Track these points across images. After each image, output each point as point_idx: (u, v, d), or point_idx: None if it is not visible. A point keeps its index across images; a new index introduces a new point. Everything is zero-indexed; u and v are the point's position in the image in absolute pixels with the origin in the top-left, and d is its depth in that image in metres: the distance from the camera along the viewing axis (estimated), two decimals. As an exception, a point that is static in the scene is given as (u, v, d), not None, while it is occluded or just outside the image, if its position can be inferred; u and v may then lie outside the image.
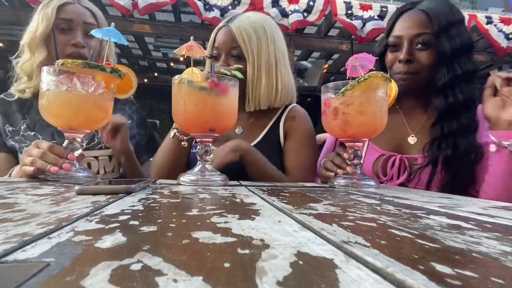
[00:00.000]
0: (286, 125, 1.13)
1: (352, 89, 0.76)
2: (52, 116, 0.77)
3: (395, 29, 1.04)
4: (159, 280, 0.16)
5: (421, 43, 0.98)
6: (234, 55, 1.08)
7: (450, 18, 0.99)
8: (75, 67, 0.72)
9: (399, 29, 1.03)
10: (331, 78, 5.96)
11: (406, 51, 0.99)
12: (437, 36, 0.97)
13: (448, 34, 0.97)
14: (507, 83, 0.88)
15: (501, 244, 0.25)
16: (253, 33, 1.08)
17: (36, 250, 0.20)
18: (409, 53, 1.00)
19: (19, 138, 1.10)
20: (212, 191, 0.58)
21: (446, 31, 0.97)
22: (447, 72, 0.97)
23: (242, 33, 1.07)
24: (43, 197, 0.44)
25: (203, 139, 0.77)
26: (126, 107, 1.27)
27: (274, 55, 1.11)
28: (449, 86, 0.96)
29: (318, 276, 0.17)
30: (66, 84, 0.73)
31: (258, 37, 1.08)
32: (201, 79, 0.76)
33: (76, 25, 1.10)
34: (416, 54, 1.00)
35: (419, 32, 0.99)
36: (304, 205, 0.43)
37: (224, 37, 1.09)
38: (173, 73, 1.19)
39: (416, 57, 1.00)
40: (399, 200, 0.52)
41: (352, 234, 0.26)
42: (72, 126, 0.78)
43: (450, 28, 0.97)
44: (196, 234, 0.25)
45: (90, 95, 0.75)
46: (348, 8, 3.74)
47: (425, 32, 0.98)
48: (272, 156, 1.08)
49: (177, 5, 4.02)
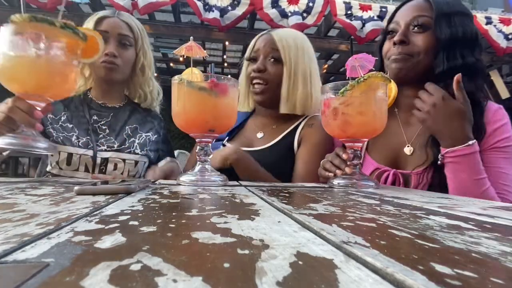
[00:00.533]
0: (303, 132, 1.16)
1: (351, 90, 0.76)
2: (6, 80, 0.72)
3: (395, 17, 1.02)
4: (159, 280, 0.16)
5: (417, 26, 0.94)
6: (272, 58, 1.15)
7: (453, 7, 0.95)
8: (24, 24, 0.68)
9: (398, 15, 1.00)
10: (330, 78, 5.96)
11: (401, 32, 0.95)
12: (436, 20, 0.92)
13: (449, 20, 0.92)
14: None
15: (501, 244, 0.25)
16: (292, 43, 1.16)
17: (35, 251, 0.20)
18: (404, 34, 0.95)
19: (57, 127, 1.15)
20: (211, 192, 0.58)
21: (447, 17, 0.92)
22: (446, 59, 0.91)
23: (282, 40, 1.16)
24: (43, 198, 0.44)
25: (202, 139, 0.77)
26: (156, 122, 1.33)
27: (309, 68, 1.18)
28: (449, 75, 0.87)
29: (317, 276, 0.17)
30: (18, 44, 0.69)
31: (297, 48, 1.16)
32: (201, 80, 0.76)
33: (110, 36, 1.16)
34: (412, 37, 0.95)
35: (417, 14, 0.95)
36: (304, 205, 0.43)
37: (264, 41, 1.17)
38: (173, 73, 1.21)
39: (411, 39, 0.95)
40: (398, 200, 0.52)
41: (352, 235, 0.26)
42: (27, 91, 0.73)
43: (452, 16, 0.93)
44: (195, 234, 0.25)
45: (42, 57, 0.70)
46: (348, 9, 3.75)
47: (422, 15, 0.94)
48: (282, 159, 1.12)
49: (176, 5, 4.02)
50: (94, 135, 1.16)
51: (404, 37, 0.95)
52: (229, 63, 6.60)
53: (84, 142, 1.13)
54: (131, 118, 1.26)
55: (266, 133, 1.20)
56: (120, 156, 1.16)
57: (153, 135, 1.28)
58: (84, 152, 1.12)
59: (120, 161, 1.16)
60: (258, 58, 1.17)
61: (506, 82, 5.72)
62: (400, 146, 1.00)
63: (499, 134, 0.90)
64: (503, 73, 5.80)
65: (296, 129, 1.18)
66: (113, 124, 1.22)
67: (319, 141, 1.13)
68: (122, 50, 1.18)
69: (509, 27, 4.01)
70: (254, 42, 1.20)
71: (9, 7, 3.67)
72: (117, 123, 1.23)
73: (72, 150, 1.11)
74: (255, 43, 1.19)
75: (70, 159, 1.11)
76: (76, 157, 1.11)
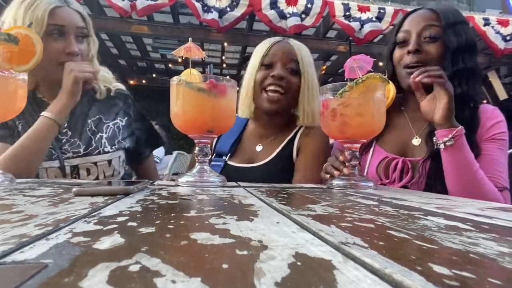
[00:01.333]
0: (300, 141, 1.16)
1: (350, 91, 0.76)
2: None
3: (403, 25, 1.06)
4: (158, 281, 0.16)
5: (429, 36, 1.00)
6: (290, 68, 1.13)
7: (457, 17, 1.02)
8: None
9: (408, 24, 1.05)
10: (329, 80, 5.97)
11: (414, 42, 1.01)
12: (444, 30, 0.99)
13: (455, 29, 0.99)
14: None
15: (498, 245, 0.25)
16: (307, 55, 1.16)
17: (34, 252, 0.20)
18: (418, 44, 1.01)
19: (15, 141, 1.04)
20: (210, 192, 0.58)
21: (453, 27, 1.00)
22: (451, 65, 0.99)
23: (301, 51, 1.15)
24: (41, 199, 0.44)
25: (201, 140, 0.77)
26: (120, 102, 1.19)
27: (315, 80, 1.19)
28: (452, 79, 0.97)
29: (316, 277, 0.17)
30: None
31: (310, 61, 1.17)
32: (200, 80, 0.76)
33: (69, 31, 1.02)
34: (425, 46, 1.01)
35: (428, 24, 1.01)
36: (303, 206, 0.43)
37: (283, 49, 1.15)
38: (172, 74, 1.20)
39: (424, 48, 1.01)
40: (397, 201, 0.53)
41: (350, 235, 0.27)
42: None
43: (456, 25, 1.00)
44: (194, 235, 0.25)
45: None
46: (346, 10, 3.76)
47: (433, 25, 1.00)
48: (283, 171, 1.12)
49: (175, 7, 4.02)
50: (56, 142, 1.03)
51: (419, 46, 1.00)
52: (228, 64, 6.60)
53: (47, 154, 1.00)
54: (91, 109, 1.13)
55: (265, 145, 1.19)
56: (90, 160, 1.06)
57: (122, 118, 1.16)
58: (50, 164, 1.02)
59: (91, 165, 1.06)
60: (274, 64, 1.13)
61: (504, 83, 5.74)
62: (408, 138, 1.06)
63: (496, 128, 0.99)
64: (501, 74, 5.82)
65: (294, 139, 1.17)
66: (73, 123, 1.08)
67: (317, 149, 1.14)
68: (80, 45, 1.05)
69: (507, 28, 4.02)
70: (269, 47, 1.15)
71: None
72: (77, 120, 1.10)
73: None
74: (271, 49, 1.14)
75: (37, 174, 1.00)
76: (42, 171, 1.01)
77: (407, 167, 1.00)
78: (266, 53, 1.14)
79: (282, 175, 1.10)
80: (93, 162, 1.07)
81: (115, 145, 1.11)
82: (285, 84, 1.11)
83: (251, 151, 1.20)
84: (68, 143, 1.06)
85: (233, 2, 3.64)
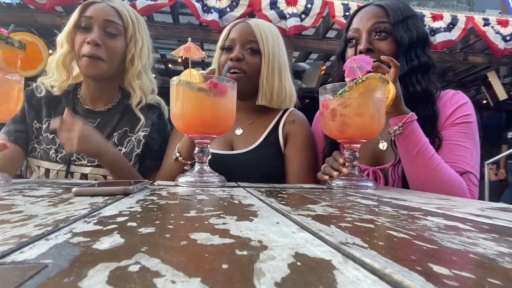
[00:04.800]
0: (286, 129, 1.15)
1: (349, 91, 0.76)
2: None
3: (352, 23, 1.04)
4: (157, 282, 0.16)
5: (379, 32, 0.98)
6: (250, 48, 1.10)
7: (405, 12, 1.00)
8: None
9: (356, 22, 1.03)
10: (329, 80, 5.96)
11: (365, 41, 0.98)
12: (394, 26, 0.97)
13: (404, 25, 0.98)
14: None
15: (498, 245, 0.25)
16: (269, 34, 1.12)
17: (33, 252, 0.20)
18: (369, 42, 0.98)
19: (41, 139, 1.07)
20: (210, 193, 0.58)
21: (402, 22, 0.98)
22: (405, 62, 0.97)
23: (260, 30, 1.11)
24: (41, 199, 0.44)
25: (201, 140, 0.77)
26: (150, 113, 1.16)
27: (283, 60, 1.15)
28: (408, 76, 0.96)
29: (316, 277, 0.17)
30: None
31: (273, 40, 1.13)
32: (200, 81, 0.76)
33: (94, 22, 1.02)
34: (376, 44, 0.98)
35: (376, 21, 0.99)
36: (302, 206, 0.43)
37: (241, 30, 1.12)
38: (171, 74, 1.18)
39: (376, 46, 0.98)
40: (396, 201, 0.53)
41: (350, 235, 0.27)
42: None
43: (406, 20, 0.98)
44: (194, 235, 0.25)
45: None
46: (346, 10, 3.75)
47: (382, 21, 0.98)
48: (272, 159, 1.10)
49: (175, 7, 4.02)
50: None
51: (370, 45, 0.98)
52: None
53: (62, 157, 1.04)
54: (122, 121, 1.12)
55: (245, 129, 1.16)
56: (100, 172, 1.05)
57: (148, 127, 1.14)
58: (61, 167, 1.04)
59: (100, 177, 1.06)
60: (234, 47, 1.11)
61: (504, 84, 5.74)
62: (375, 143, 1.03)
63: (457, 113, 0.96)
64: (501, 75, 5.81)
65: (278, 126, 1.15)
66: (100, 131, 1.05)
67: (305, 136, 1.14)
68: (108, 39, 1.03)
69: (507, 28, 4.02)
70: (228, 30, 1.14)
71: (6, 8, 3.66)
72: (105, 129, 1.09)
73: (48, 165, 1.04)
74: (230, 32, 1.13)
75: (47, 175, 1.04)
76: (53, 173, 1.04)
77: (379, 175, 0.99)
78: (226, 37, 1.13)
79: (271, 161, 1.09)
80: (102, 175, 1.06)
81: (130, 161, 1.09)
82: (244, 66, 1.09)
83: (230, 134, 1.15)
84: None
85: (233, 2, 3.63)
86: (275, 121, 1.17)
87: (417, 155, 0.85)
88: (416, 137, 0.85)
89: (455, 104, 0.97)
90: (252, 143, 1.12)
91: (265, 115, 1.17)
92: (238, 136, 1.15)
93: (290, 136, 1.14)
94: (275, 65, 1.12)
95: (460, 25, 3.94)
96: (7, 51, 0.64)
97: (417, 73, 0.97)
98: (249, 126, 1.17)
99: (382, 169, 0.99)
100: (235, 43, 1.11)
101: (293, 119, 1.16)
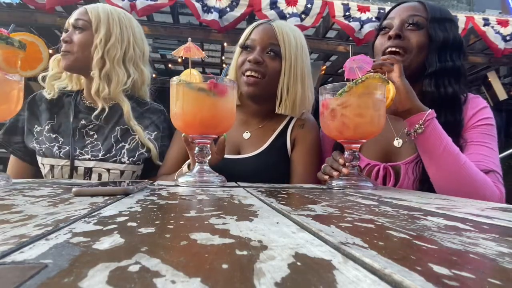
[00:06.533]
0: (294, 133, 1.13)
1: (349, 91, 0.76)
2: None
3: (389, 15, 1.05)
4: (157, 282, 0.16)
5: (413, 24, 0.98)
6: (271, 51, 1.07)
7: (444, 14, 1.01)
8: None
9: (393, 13, 1.04)
10: (329, 80, 5.96)
11: (396, 27, 0.99)
12: (429, 22, 0.97)
13: (441, 25, 0.98)
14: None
15: (498, 245, 0.25)
16: (292, 38, 1.09)
17: (33, 252, 0.20)
18: (400, 29, 0.98)
19: (41, 140, 1.10)
20: (210, 193, 0.58)
21: (439, 22, 0.98)
22: (438, 60, 0.97)
23: (283, 33, 1.07)
24: (41, 199, 0.44)
25: (201, 140, 0.77)
26: (154, 117, 1.22)
27: (306, 66, 1.12)
28: (439, 75, 0.96)
29: (316, 277, 0.17)
30: None
31: (296, 45, 1.09)
32: (199, 81, 0.76)
33: (69, 25, 1.11)
34: (406, 32, 0.99)
35: (412, 13, 0.99)
36: (302, 206, 0.43)
37: (263, 32, 1.08)
38: (171, 74, 1.18)
39: (405, 34, 0.98)
40: (396, 201, 0.53)
41: (350, 235, 0.27)
42: None
43: (443, 21, 0.99)
44: (194, 235, 0.25)
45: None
46: (346, 10, 3.75)
47: (418, 14, 0.99)
48: (278, 163, 1.10)
49: (175, 7, 4.02)
50: (79, 142, 1.10)
51: (400, 31, 0.98)
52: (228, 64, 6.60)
53: (65, 152, 1.08)
54: (123, 116, 1.15)
55: (253, 133, 1.15)
56: (103, 166, 1.09)
57: (152, 132, 1.18)
58: (65, 162, 1.08)
59: (104, 170, 1.09)
60: (254, 48, 1.07)
61: (504, 84, 5.74)
62: (389, 140, 1.03)
63: (478, 115, 0.96)
64: (501, 75, 5.81)
65: (286, 130, 1.14)
66: (103, 127, 1.13)
67: (313, 141, 1.13)
68: (75, 35, 1.10)
69: (507, 28, 4.02)
70: (251, 29, 1.11)
71: (7, 8, 3.66)
72: (107, 125, 1.14)
73: (53, 161, 1.08)
74: (252, 31, 1.10)
75: (53, 171, 1.08)
76: (58, 169, 1.07)
77: (390, 173, 0.97)
78: (247, 37, 1.10)
79: (276, 166, 1.08)
80: (106, 168, 1.09)
81: (133, 158, 1.11)
82: (263, 69, 1.05)
83: (238, 138, 1.15)
84: (91, 145, 1.11)
85: (233, 2, 3.63)
86: (283, 125, 1.15)
87: (444, 152, 0.83)
88: (440, 134, 0.83)
89: (476, 107, 0.97)
90: (259, 147, 1.11)
91: (275, 120, 1.16)
92: (245, 140, 1.14)
93: (298, 140, 1.12)
94: (298, 72, 1.08)
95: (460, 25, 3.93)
96: (7, 51, 0.65)
97: (450, 76, 0.97)
98: (257, 130, 1.16)
99: (394, 166, 0.98)
100: (256, 44, 1.08)
101: (302, 123, 1.15)
